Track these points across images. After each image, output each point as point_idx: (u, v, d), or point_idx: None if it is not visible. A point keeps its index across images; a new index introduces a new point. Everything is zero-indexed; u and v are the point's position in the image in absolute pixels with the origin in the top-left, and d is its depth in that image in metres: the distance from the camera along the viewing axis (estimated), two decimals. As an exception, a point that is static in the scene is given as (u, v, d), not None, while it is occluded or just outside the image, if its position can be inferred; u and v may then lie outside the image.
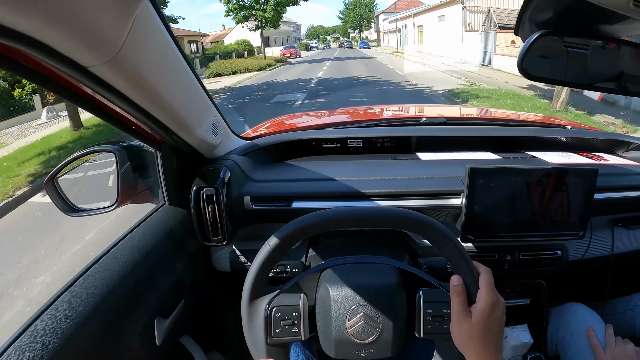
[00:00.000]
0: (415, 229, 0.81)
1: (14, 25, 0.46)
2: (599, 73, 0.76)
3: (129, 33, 0.61)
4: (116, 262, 0.92)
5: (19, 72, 0.58)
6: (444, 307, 0.81)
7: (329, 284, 0.82)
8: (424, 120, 1.61)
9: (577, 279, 1.38)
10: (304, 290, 0.84)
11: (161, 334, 0.98)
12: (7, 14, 0.44)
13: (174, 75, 0.85)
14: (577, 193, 1.08)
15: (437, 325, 0.81)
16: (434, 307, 0.81)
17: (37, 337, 0.72)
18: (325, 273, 0.84)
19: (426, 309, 0.81)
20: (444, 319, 0.81)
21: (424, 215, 0.81)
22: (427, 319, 0.81)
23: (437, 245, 0.81)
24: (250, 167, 1.28)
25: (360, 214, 0.78)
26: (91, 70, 0.62)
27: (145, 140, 1.01)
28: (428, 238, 0.81)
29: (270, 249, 0.77)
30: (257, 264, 0.78)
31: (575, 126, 1.72)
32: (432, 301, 0.82)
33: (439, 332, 0.82)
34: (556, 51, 0.75)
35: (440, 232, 0.79)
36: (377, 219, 0.80)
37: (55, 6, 0.47)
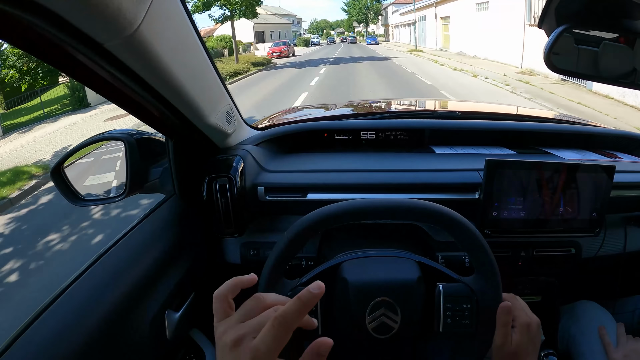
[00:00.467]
0: (441, 224, 0.79)
1: None
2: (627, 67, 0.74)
3: (148, 10, 0.59)
4: (126, 253, 0.91)
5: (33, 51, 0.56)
6: (464, 302, 0.79)
7: (348, 277, 0.80)
8: (437, 113, 1.60)
9: (589, 276, 1.37)
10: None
11: (171, 327, 0.97)
12: None
13: (191, 58, 0.83)
14: (593, 189, 1.07)
15: (457, 321, 0.79)
16: (453, 302, 0.79)
17: (46, 327, 0.71)
18: (343, 266, 0.82)
19: (446, 304, 0.79)
20: (463, 314, 0.79)
21: (453, 211, 0.80)
22: (447, 314, 0.79)
23: (459, 239, 0.79)
24: (264, 157, 1.26)
25: (374, 206, 0.77)
26: (107, 47, 0.59)
27: (157, 127, 0.98)
28: (451, 233, 0.80)
29: (289, 240, 0.76)
30: (274, 256, 0.76)
31: (589, 124, 1.70)
32: (452, 296, 0.80)
33: (458, 327, 0.80)
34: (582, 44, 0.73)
35: (466, 226, 0.78)
36: (396, 212, 0.78)
37: None
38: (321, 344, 0.44)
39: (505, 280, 1.26)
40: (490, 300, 0.79)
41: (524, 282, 1.29)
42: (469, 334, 0.79)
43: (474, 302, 0.79)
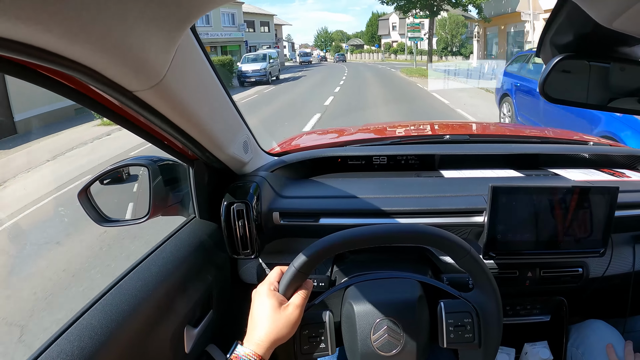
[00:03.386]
0: (432, 244, 0.84)
1: (68, 54, 0.50)
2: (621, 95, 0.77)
3: (172, 60, 0.65)
4: (149, 272, 0.96)
5: (66, 94, 0.63)
6: (465, 316, 0.83)
7: (353, 300, 0.84)
8: (447, 138, 1.63)
9: (598, 295, 1.37)
10: (329, 307, 0.86)
11: (190, 342, 1.02)
12: (64, 44, 0.48)
13: (211, 97, 0.90)
14: (598, 210, 1.09)
15: (460, 335, 0.83)
16: (455, 317, 0.83)
17: (73, 341, 0.75)
18: (349, 290, 0.87)
19: (448, 320, 0.83)
20: (465, 328, 0.83)
21: (441, 229, 0.84)
22: (450, 329, 0.83)
23: (455, 257, 0.83)
24: (279, 183, 1.31)
25: (376, 232, 0.80)
26: (137, 94, 0.66)
27: (178, 156, 1.06)
28: (446, 251, 0.84)
29: (295, 270, 0.80)
30: (283, 287, 0.81)
31: (597, 142, 1.72)
32: (453, 312, 0.84)
33: (461, 341, 0.83)
34: (577, 75, 0.76)
35: (457, 245, 0.81)
36: (393, 237, 0.82)
37: (108, 35, 0.51)
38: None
39: (513, 300, 1.28)
40: (490, 313, 0.83)
41: (532, 302, 1.31)
42: (473, 347, 0.83)
43: (474, 316, 0.83)
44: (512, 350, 1.36)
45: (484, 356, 0.84)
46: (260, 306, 0.77)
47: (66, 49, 0.49)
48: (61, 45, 0.48)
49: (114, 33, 0.51)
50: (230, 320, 1.30)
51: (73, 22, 0.45)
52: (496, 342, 0.83)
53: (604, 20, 0.56)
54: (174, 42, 0.63)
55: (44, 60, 0.49)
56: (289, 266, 0.81)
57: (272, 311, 0.75)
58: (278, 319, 0.75)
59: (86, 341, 0.76)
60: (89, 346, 0.75)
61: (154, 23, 0.55)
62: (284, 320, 0.76)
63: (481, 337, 0.83)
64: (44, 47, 0.47)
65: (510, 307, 1.30)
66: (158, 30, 0.57)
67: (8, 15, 0.39)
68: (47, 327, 2.98)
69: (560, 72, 0.74)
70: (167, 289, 0.97)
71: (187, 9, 0.57)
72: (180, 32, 0.62)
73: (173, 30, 0.60)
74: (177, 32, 0.61)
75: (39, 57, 0.48)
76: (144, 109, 0.71)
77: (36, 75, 0.56)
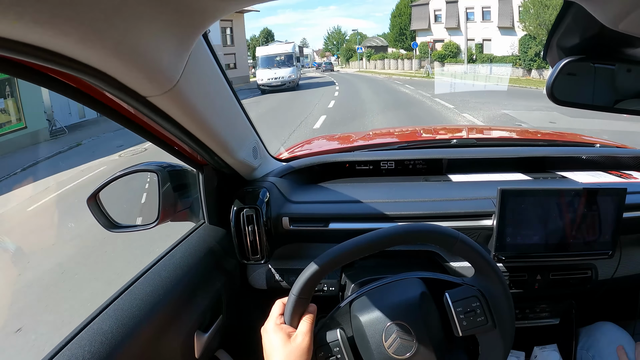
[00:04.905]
0: (421, 240, 0.83)
1: (84, 58, 0.51)
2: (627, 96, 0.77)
3: (185, 66, 0.66)
4: (159, 277, 0.97)
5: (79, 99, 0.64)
6: (472, 301, 0.83)
7: (358, 312, 0.84)
8: (454, 142, 1.64)
9: (608, 298, 1.37)
10: (340, 324, 0.86)
11: (200, 347, 1.02)
12: (80, 49, 0.49)
13: (222, 103, 0.91)
14: (606, 212, 1.09)
15: (472, 320, 0.82)
16: (463, 304, 0.83)
17: (84, 345, 0.76)
18: (354, 304, 0.87)
19: (456, 308, 0.83)
20: (476, 312, 0.82)
21: (425, 223, 0.85)
22: (460, 316, 0.82)
23: (447, 247, 0.83)
24: (288, 188, 1.32)
25: (361, 243, 0.80)
26: (150, 99, 0.67)
27: (188, 161, 1.07)
28: (436, 243, 0.84)
29: (295, 297, 0.81)
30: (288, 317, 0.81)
31: (604, 144, 1.71)
32: (460, 299, 0.83)
33: (475, 326, 0.83)
34: (584, 77, 0.76)
35: (445, 234, 0.82)
36: (379, 243, 0.81)
37: (123, 41, 0.51)
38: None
39: (522, 304, 1.28)
40: (496, 291, 0.83)
41: (541, 305, 1.30)
42: (489, 329, 0.82)
43: (481, 298, 0.83)
44: (522, 353, 1.36)
45: (502, 337, 0.83)
46: (270, 343, 0.78)
47: (82, 53, 0.50)
48: (77, 49, 0.49)
49: (129, 38, 0.52)
50: (239, 325, 1.30)
51: (89, 27, 0.46)
52: (510, 319, 0.83)
53: (610, 22, 0.57)
54: (187, 48, 0.64)
55: (60, 64, 0.49)
56: (289, 295, 0.81)
57: (282, 345, 0.76)
58: (290, 351, 0.76)
59: (97, 346, 0.77)
60: (100, 351, 0.76)
61: (168, 29, 0.56)
62: (296, 350, 0.76)
63: (494, 318, 0.83)
64: (60, 51, 0.48)
65: (519, 311, 1.30)
66: (172, 36, 0.58)
67: (26, 19, 0.40)
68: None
69: (567, 74, 0.75)
70: (178, 294, 0.98)
71: (200, 14, 0.57)
72: (194, 38, 0.63)
73: (186, 36, 0.61)
74: (191, 38, 0.62)
75: (55, 61, 0.49)
76: (156, 114, 0.72)
77: (50, 80, 0.57)
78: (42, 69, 0.54)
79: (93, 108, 0.67)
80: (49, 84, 0.57)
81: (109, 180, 1.15)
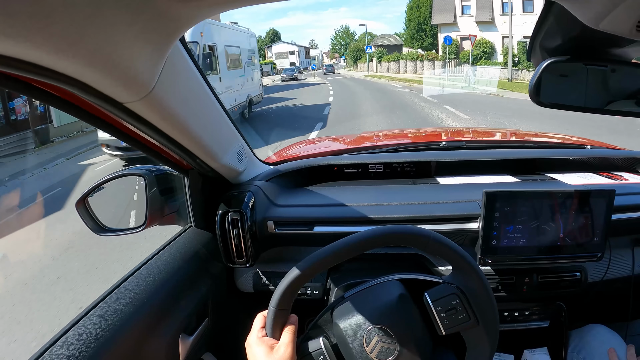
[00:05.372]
0: (393, 242, 0.82)
1: (59, 68, 0.51)
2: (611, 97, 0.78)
3: (161, 72, 0.66)
4: (144, 280, 0.97)
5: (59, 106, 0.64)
6: (452, 299, 0.82)
7: (338, 319, 0.84)
8: (443, 145, 1.64)
9: (598, 300, 1.37)
10: (325, 332, 0.86)
11: (185, 350, 1.02)
12: (54, 60, 0.49)
13: (202, 107, 0.91)
14: (594, 214, 1.09)
15: (454, 318, 0.82)
16: (443, 303, 0.82)
17: (67, 348, 0.75)
18: (335, 310, 0.87)
19: (437, 307, 0.82)
20: (457, 310, 0.82)
21: (396, 225, 0.84)
22: (442, 315, 0.82)
23: (421, 246, 0.82)
24: (274, 192, 1.32)
25: (336, 250, 0.80)
26: (127, 106, 0.67)
27: (173, 166, 1.07)
28: (409, 245, 0.83)
29: (275, 309, 0.80)
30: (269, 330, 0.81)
31: (595, 145, 1.72)
32: (439, 298, 0.83)
33: (458, 323, 0.82)
34: (568, 77, 0.76)
35: (416, 234, 0.81)
36: (353, 249, 0.80)
37: (97, 50, 0.52)
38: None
39: (511, 306, 1.28)
40: (475, 286, 0.82)
41: (530, 308, 1.30)
42: (472, 325, 0.82)
43: (461, 295, 0.83)
44: (511, 357, 1.35)
45: (486, 332, 0.83)
46: (253, 356, 0.78)
47: (56, 63, 0.50)
48: (51, 60, 0.49)
49: (103, 48, 0.52)
50: (226, 328, 1.30)
51: (61, 39, 0.46)
52: (492, 313, 0.83)
53: (591, 21, 0.57)
54: (162, 54, 0.64)
55: (36, 74, 0.50)
56: (268, 308, 0.81)
57: (265, 357, 0.76)
58: None
59: (81, 348, 0.76)
60: (84, 353, 0.76)
61: (142, 36, 0.56)
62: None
63: (476, 314, 0.82)
64: (35, 62, 0.48)
65: (508, 314, 1.29)
66: (146, 43, 0.58)
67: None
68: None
69: (552, 75, 0.75)
70: (163, 297, 0.98)
71: (175, 22, 0.58)
72: (169, 45, 0.63)
73: (161, 42, 0.61)
74: (166, 44, 0.62)
75: (31, 71, 0.49)
76: (135, 119, 0.72)
77: (32, 89, 0.57)
78: (22, 78, 0.54)
79: (75, 115, 0.68)
80: (30, 92, 0.57)
81: (97, 184, 1.15)
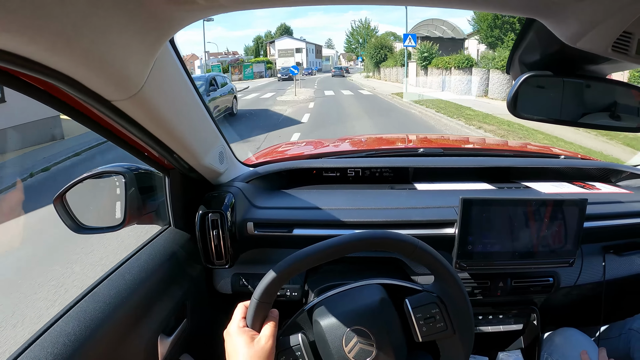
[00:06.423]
0: (379, 247, 0.84)
1: (52, 64, 0.51)
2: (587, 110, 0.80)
3: (151, 71, 0.67)
4: (123, 280, 0.96)
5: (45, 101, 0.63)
6: (432, 307, 0.85)
7: (319, 317, 0.85)
8: (421, 151, 1.66)
9: (571, 304, 1.41)
10: (302, 329, 0.87)
11: (163, 351, 1.02)
12: (48, 56, 0.49)
13: (188, 108, 0.91)
14: (567, 222, 1.13)
15: (431, 326, 0.84)
16: (422, 311, 0.85)
17: (46, 347, 0.75)
18: (315, 309, 0.88)
19: (416, 314, 0.84)
20: (435, 319, 0.84)
21: (384, 230, 0.86)
22: (420, 322, 0.84)
23: (407, 254, 0.84)
24: (254, 194, 1.33)
25: (321, 249, 0.81)
26: (115, 104, 0.67)
27: (155, 165, 1.07)
28: (395, 251, 0.85)
29: (257, 302, 0.81)
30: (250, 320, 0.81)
31: (569, 155, 1.77)
32: (419, 305, 0.85)
33: (435, 332, 0.85)
34: (545, 91, 0.79)
35: (403, 242, 0.83)
36: (340, 249, 0.81)
37: (91, 49, 0.52)
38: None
39: (486, 310, 1.31)
40: (456, 298, 0.85)
41: (504, 312, 1.33)
42: (448, 335, 0.84)
43: (441, 305, 0.85)
44: (485, 358, 1.38)
45: (462, 342, 0.85)
46: (233, 345, 0.79)
47: (50, 59, 0.50)
48: (46, 56, 0.49)
49: (97, 47, 0.53)
50: (204, 329, 1.29)
51: (58, 36, 0.47)
52: (469, 325, 0.85)
53: (569, 39, 0.59)
54: (153, 54, 0.64)
55: (28, 69, 0.50)
56: (251, 299, 0.82)
57: (246, 347, 0.77)
58: (254, 354, 0.76)
59: (60, 348, 0.75)
60: (63, 353, 0.75)
61: (136, 37, 0.57)
62: (259, 352, 0.77)
63: (453, 324, 0.85)
64: (29, 57, 0.48)
65: (482, 317, 1.32)
66: (139, 43, 0.59)
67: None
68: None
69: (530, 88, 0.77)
70: (141, 297, 0.97)
71: (168, 22, 0.58)
72: (159, 45, 0.64)
73: (153, 43, 0.62)
74: (157, 45, 0.63)
75: (24, 66, 0.49)
76: (122, 118, 0.72)
77: (19, 83, 0.57)
78: (10, 72, 0.54)
79: (60, 110, 0.67)
80: (14, 84, 0.57)
81: (76, 182, 1.13)
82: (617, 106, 0.81)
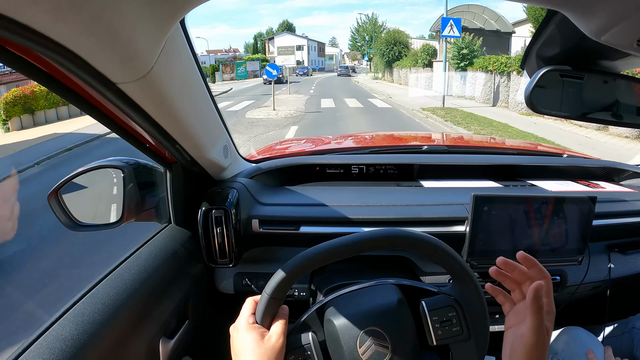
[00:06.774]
0: (401, 246, 0.81)
1: (54, 34, 0.46)
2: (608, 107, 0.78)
3: (161, 52, 0.62)
4: (123, 280, 0.92)
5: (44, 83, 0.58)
6: (449, 310, 0.82)
7: (333, 316, 0.82)
8: (425, 148, 1.64)
9: (576, 303, 1.40)
10: (312, 328, 0.84)
11: (165, 354, 0.98)
12: (51, 22, 0.44)
13: (196, 97, 0.87)
14: (576, 220, 1.12)
15: (447, 330, 0.81)
16: (439, 314, 0.81)
17: (42, 353, 0.71)
18: (328, 308, 0.85)
19: (432, 317, 0.81)
20: (451, 322, 0.81)
21: (407, 229, 0.81)
22: (436, 326, 0.81)
23: (427, 254, 0.80)
24: (258, 190, 1.29)
25: (342, 244, 0.76)
26: (120, 87, 0.62)
27: (156, 158, 1.02)
28: (416, 250, 0.81)
29: (269, 297, 0.77)
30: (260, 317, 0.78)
31: (571, 154, 1.76)
32: (436, 308, 0.82)
33: (450, 335, 0.81)
34: (563, 86, 0.77)
35: (426, 242, 0.79)
36: (360, 246, 0.77)
37: (98, 17, 0.47)
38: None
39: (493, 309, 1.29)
40: (473, 302, 0.82)
41: None
42: (463, 339, 0.81)
43: (458, 308, 0.82)
44: (492, 358, 1.37)
45: (476, 347, 0.82)
46: (242, 342, 0.74)
47: (52, 26, 0.45)
48: (47, 20, 0.43)
49: (105, 15, 0.47)
50: (205, 331, 1.26)
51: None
52: (485, 330, 0.82)
53: (594, 33, 0.57)
54: (165, 32, 0.59)
55: (28, 39, 0.44)
56: (262, 295, 0.78)
57: (256, 344, 0.72)
58: (264, 352, 0.72)
59: (56, 353, 0.72)
60: (60, 359, 0.71)
61: (147, 9, 0.52)
62: (270, 351, 0.72)
63: (470, 329, 0.82)
64: (27, 23, 0.42)
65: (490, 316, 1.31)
66: (150, 17, 0.54)
67: None
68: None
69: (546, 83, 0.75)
70: (142, 298, 0.93)
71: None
72: (172, 23, 0.59)
73: (165, 18, 0.57)
74: (170, 21, 0.58)
75: (23, 35, 0.43)
76: (126, 103, 0.67)
77: (18, 61, 0.52)
78: (3, 44, 0.49)
79: (58, 93, 0.61)
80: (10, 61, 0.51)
81: (71, 176, 1.10)
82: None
